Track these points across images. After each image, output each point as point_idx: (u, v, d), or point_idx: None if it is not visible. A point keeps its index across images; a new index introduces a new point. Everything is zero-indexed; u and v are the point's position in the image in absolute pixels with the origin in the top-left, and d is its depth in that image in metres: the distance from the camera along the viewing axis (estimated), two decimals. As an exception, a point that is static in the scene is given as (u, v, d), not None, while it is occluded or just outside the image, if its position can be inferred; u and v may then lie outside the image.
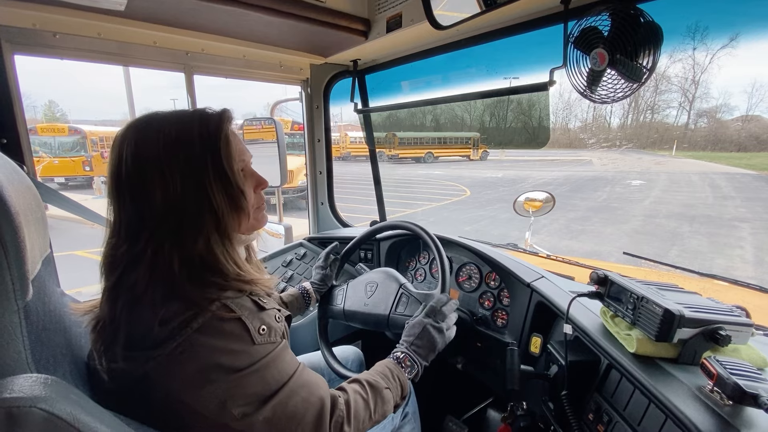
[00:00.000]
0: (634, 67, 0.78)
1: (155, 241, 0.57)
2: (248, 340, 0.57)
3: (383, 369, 0.80)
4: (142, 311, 0.54)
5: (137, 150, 0.58)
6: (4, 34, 1.00)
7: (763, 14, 0.97)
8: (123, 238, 0.59)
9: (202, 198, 0.59)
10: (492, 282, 1.32)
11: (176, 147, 0.59)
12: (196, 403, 0.54)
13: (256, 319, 0.60)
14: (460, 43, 1.28)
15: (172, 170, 0.58)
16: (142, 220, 0.58)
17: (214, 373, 0.54)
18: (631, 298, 0.76)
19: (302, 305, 1.14)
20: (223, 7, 1.04)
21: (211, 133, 0.61)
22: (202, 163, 0.60)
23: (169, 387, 0.53)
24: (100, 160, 13.03)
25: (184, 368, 0.53)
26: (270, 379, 0.59)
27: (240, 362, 0.56)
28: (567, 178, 15.83)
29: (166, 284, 0.56)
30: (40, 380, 0.39)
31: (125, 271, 0.57)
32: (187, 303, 0.55)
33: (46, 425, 0.36)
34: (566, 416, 0.81)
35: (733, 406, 0.58)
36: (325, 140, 1.83)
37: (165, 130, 0.60)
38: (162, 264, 0.57)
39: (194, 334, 0.53)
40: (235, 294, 0.60)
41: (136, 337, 0.54)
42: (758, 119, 40.68)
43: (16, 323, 0.44)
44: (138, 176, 0.58)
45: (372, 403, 0.72)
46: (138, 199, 0.58)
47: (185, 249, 0.58)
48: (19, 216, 0.45)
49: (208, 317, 0.55)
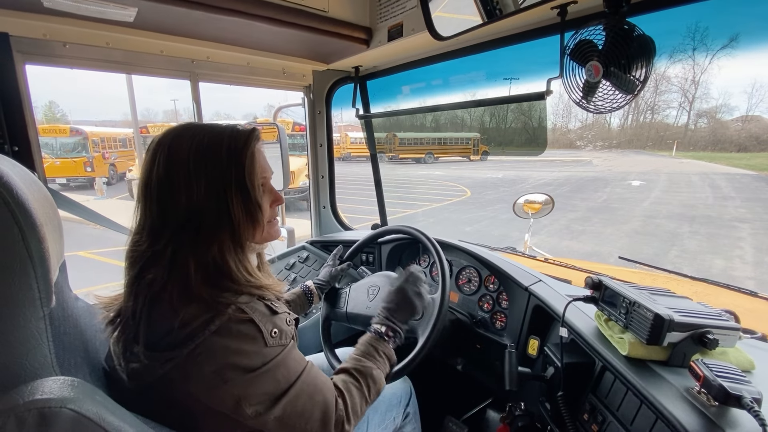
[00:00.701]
0: (628, 80, 0.81)
1: (174, 242, 0.60)
2: (261, 342, 0.60)
3: (367, 348, 0.83)
4: (161, 309, 0.58)
5: (170, 154, 0.63)
6: (16, 45, 1.03)
7: (763, 14, 0.99)
8: (146, 237, 0.62)
9: (222, 206, 0.63)
10: (491, 285, 1.35)
11: (206, 155, 0.63)
12: (214, 401, 0.57)
13: (269, 323, 0.62)
14: (459, 51, 1.31)
15: (198, 176, 0.62)
16: (166, 220, 0.62)
17: (230, 372, 0.57)
18: (624, 302, 0.79)
19: (305, 304, 1.16)
20: (228, 17, 1.06)
21: (239, 148, 0.65)
22: (226, 174, 0.63)
23: (187, 387, 0.56)
24: (102, 160, 13.10)
25: (202, 369, 0.56)
26: (281, 378, 0.61)
27: (254, 363, 0.59)
28: (567, 179, 15.84)
29: (181, 285, 0.58)
30: (68, 382, 0.42)
31: (144, 268, 0.60)
32: (204, 305, 0.58)
33: (75, 425, 0.39)
34: (562, 416, 0.83)
35: (718, 407, 0.60)
36: (327, 145, 1.86)
37: (197, 139, 0.64)
38: (179, 265, 0.59)
39: (212, 336, 0.56)
40: (249, 299, 0.63)
41: (155, 337, 0.57)
42: (758, 119, 40.65)
43: (42, 329, 0.46)
44: (167, 178, 0.62)
45: (365, 388, 0.75)
46: (164, 200, 0.62)
47: (200, 253, 0.61)
48: (43, 227, 0.48)
49: (225, 320, 0.58)
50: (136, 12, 1.01)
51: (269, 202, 0.75)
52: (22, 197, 0.45)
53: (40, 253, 0.47)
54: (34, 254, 0.45)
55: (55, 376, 0.45)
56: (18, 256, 0.43)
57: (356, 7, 1.30)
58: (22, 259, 0.43)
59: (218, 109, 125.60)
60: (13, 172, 0.47)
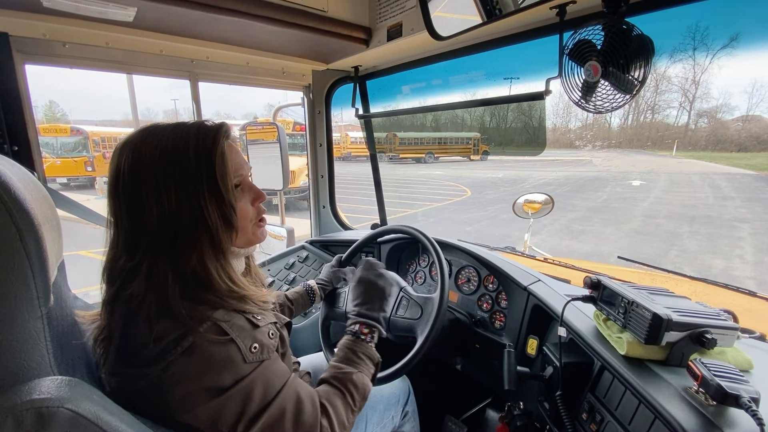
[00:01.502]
0: (626, 80, 0.81)
1: (150, 255, 0.58)
2: (239, 360, 0.57)
3: (345, 353, 0.80)
4: (137, 326, 0.55)
5: (134, 163, 0.59)
6: (16, 45, 1.03)
7: (764, 14, 0.99)
8: (121, 251, 0.59)
9: (196, 213, 0.59)
10: (490, 285, 1.35)
11: (172, 161, 0.59)
12: (190, 420, 0.54)
13: (248, 338, 0.59)
14: (459, 51, 1.31)
15: (167, 184, 0.58)
16: (138, 233, 0.59)
17: (203, 396, 0.54)
18: (622, 302, 0.79)
19: (307, 302, 1.16)
20: (228, 17, 1.06)
21: (207, 147, 0.61)
22: (197, 178, 0.59)
23: (161, 406, 0.54)
24: (102, 160, 13.09)
25: (174, 392, 0.54)
26: (257, 397, 0.58)
27: (227, 382, 0.56)
28: (567, 179, 15.84)
29: (159, 299, 0.56)
30: (65, 382, 0.42)
31: (123, 284, 0.58)
32: (177, 320, 0.55)
33: (73, 424, 0.39)
34: (561, 416, 0.84)
35: (716, 407, 0.60)
36: (326, 145, 1.86)
37: (161, 144, 0.60)
38: (157, 278, 0.57)
39: (181, 357, 0.53)
40: (226, 313, 0.59)
41: (129, 352, 0.55)
42: (759, 119, 40.63)
43: (40, 329, 0.46)
44: (134, 189, 0.58)
45: (349, 397, 0.72)
46: (135, 213, 0.59)
47: (179, 264, 0.58)
48: (41, 227, 0.48)
49: (197, 338, 0.55)
50: (135, 12, 1.01)
51: (250, 201, 0.70)
52: (19, 197, 0.45)
53: (38, 252, 0.47)
54: (31, 254, 0.45)
55: (53, 375, 0.45)
56: (15, 256, 0.43)
57: (355, 7, 1.30)
58: (19, 258, 0.43)
59: (218, 109, 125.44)
60: (11, 172, 0.47)
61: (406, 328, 0.97)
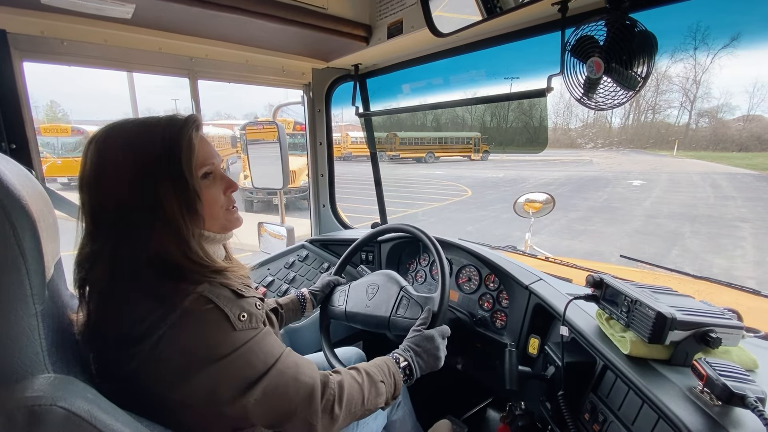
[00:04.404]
0: (629, 76, 0.80)
1: (111, 241, 0.59)
2: (228, 327, 0.58)
3: (381, 364, 0.82)
4: (114, 310, 0.57)
5: (98, 153, 0.61)
6: (13, 42, 1.02)
7: (764, 14, 0.98)
8: (86, 239, 0.61)
9: (152, 201, 0.60)
10: (491, 284, 1.34)
11: (135, 150, 0.61)
12: (186, 396, 0.56)
13: (235, 306, 0.61)
14: (459, 48, 1.30)
15: (126, 172, 0.60)
16: (98, 220, 0.61)
17: (197, 365, 0.56)
18: (625, 301, 0.78)
19: (297, 310, 1.15)
20: (227, 14, 1.06)
21: (174, 137, 0.63)
22: (157, 165, 0.61)
23: (156, 386, 0.55)
24: (103, 160, 13.06)
25: (168, 365, 0.55)
26: (256, 362, 0.60)
27: (222, 350, 0.57)
28: (568, 178, 15.83)
29: (129, 283, 0.58)
30: (59, 380, 0.41)
31: (89, 271, 0.60)
32: (158, 300, 0.57)
33: (66, 423, 0.38)
34: (563, 416, 0.83)
35: (722, 407, 0.59)
36: (326, 143, 1.86)
37: (126, 135, 0.62)
38: (120, 263, 0.58)
39: (171, 331, 0.55)
40: (211, 286, 0.61)
41: (114, 337, 0.56)
42: (760, 119, 40.58)
43: (34, 326, 0.46)
44: (95, 177, 0.60)
45: (366, 390, 0.73)
46: (94, 200, 0.61)
47: (139, 248, 0.60)
48: (37, 225, 0.47)
49: (184, 311, 0.56)
50: (133, 9, 1.00)
51: (222, 189, 0.72)
52: (15, 194, 0.44)
53: (33, 250, 0.46)
54: (26, 252, 0.45)
55: (47, 373, 0.44)
56: (10, 254, 0.42)
57: (356, 4, 1.29)
58: (14, 256, 0.43)
59: (219, 109, 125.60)
60: (6, 169, 0.47)
61: (407, 328, 0.97)
